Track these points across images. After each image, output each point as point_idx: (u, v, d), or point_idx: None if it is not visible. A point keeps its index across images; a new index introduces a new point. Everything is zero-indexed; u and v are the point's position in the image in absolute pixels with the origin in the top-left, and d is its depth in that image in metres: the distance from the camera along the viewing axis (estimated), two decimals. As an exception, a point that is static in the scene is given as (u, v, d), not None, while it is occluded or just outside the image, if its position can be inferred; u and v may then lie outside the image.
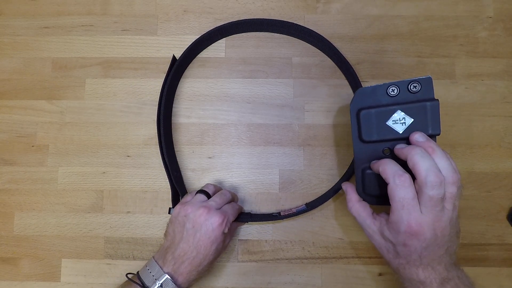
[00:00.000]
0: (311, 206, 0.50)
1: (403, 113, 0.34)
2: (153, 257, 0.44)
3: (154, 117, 0.53)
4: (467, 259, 0.51)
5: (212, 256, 0.43)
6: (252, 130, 0.54)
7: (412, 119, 0.34)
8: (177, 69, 0.52)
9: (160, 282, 0.41)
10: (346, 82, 0.54)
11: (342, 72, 0.54)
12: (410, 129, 0.35)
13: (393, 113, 0.34)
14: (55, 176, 0.54)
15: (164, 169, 0.51)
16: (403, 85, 0.35)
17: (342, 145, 0.53)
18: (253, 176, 0.53)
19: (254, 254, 0.52)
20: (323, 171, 0.53)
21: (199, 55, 0.56)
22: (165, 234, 0.46)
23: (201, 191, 0.47)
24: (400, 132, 0.35)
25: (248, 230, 0.52)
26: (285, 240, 0.52)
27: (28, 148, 0.54)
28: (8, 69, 0.56)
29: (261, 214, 0.52)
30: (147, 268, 0.43)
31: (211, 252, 0.43)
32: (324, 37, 0.53)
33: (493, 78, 0.54)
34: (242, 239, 0.52)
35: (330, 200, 0.51)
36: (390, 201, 0.36)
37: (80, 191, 0.53)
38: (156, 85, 0.55)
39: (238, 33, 0.56)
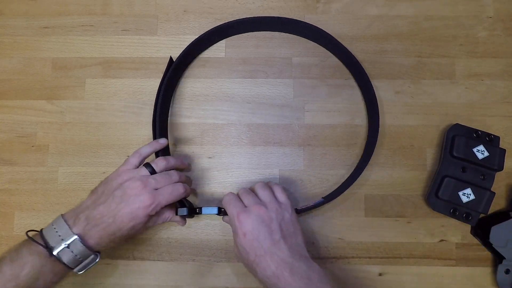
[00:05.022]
0: (328, 198, 0.50)
1: (483, 148, 0.49)
2: (61, 215, 0.42)
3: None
4: (467, 259, 0.51)
5: (127, 231, 0.42)
6: (252, 130, 0.54)
7: (488, 154, 0.49)
8: (175, 70, 0.52)
9: (67, 242, 0.39)
10: (346, 82, 0.54)
11: (349, 70, 0.54)
12: (485, 159, 0.49)
13: (478, 146, 0.49)
14: (55, 176, 0.53)
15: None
16: (484, 135, 0.51)
17: (342, 145, 0.53)
18: (253, 176, 0.53)
19: (254, 254, 0.52)
20: (323, 171, 0.53)
21: (198, 56, 0.56)
22: (92, 191, 0.44)
23: (148, 165, 0.45)
24: (479, 159, 0.49)
25: (248, 230, 0.52)
26: (285, 240, 0.52)
27: (28, 148, 0.54)
28: (8, 69, 0.56)
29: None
30: (53, 226, 0.40)
31: (127, 227, 0.41)
32: (330, 35, 0.52)
33: (493, 78, 0.54)
34: (242, 239, 0.52)
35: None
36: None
37: (80, 191, 0.53)
38: (156, 85, 0.54)
39: (239, 33, 0.56)
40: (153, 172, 0.45)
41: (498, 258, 0.49)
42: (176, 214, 0.48)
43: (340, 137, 0.53)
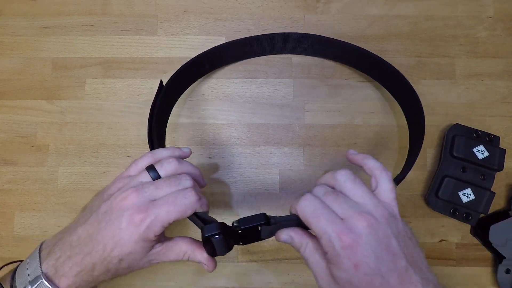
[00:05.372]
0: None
1: (483, 148, 0.49)
2: (41, 243, 0.31)
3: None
4: (467, 259, 0.51)
5: (114, 265, 0.29)
6: (252, 130, 0.54)
7: (488, 154, 0.49)
8: (167, 97, 0.49)
9: (33, 287, 0.28)
10: (346, 82, 0.54)
11: (375, 78, 0.53)
12: (485, 159, 0.49)
13: (478, 146, 0.49)
14: (55, 176, 0.53)
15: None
16: (484, 135, 0.51)
17: (342, 145, 0.53)
18: (253, 176, 0.53)
19: (254, 254, 0.52)
20: (323, 171, 0.53)
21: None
22: (83, 207, 0.35)
23: (152, 168, 0.32)
24: (479, 159, 0.49)
25: (248, 230, 0.52)
26: (285, 240, 0.52)
27: (28, 148, 0.54)
28: (8, 69, 0.56)
29: None
30: (27, 261, 0.30)
31: (109, 257, 0.28)
32: (354, 45, 0.50)
33: (493, 78, 0.54)
34: (242, 239, 0.52)
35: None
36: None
37: (80, 191, 0.53)
38: (156, 85, 0.54)
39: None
40: (158, 178, 0.32)
41: (498, 258, 0.49)
42: (204, 236, 0.31)
43: (340, 137, 0.53)
